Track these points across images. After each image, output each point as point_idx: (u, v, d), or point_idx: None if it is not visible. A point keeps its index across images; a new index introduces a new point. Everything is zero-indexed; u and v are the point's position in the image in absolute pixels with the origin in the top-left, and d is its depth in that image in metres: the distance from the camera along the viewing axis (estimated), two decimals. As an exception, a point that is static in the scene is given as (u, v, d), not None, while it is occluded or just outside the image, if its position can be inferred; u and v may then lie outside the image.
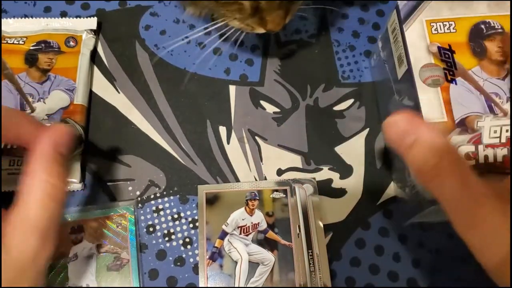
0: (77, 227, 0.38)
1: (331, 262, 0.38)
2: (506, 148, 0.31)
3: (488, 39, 0.34)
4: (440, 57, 0.33)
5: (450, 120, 0.32)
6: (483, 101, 0.32)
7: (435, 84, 0.33)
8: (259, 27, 0.36)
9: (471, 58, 0.33)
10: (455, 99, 0.32)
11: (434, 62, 0.33)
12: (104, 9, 0.46)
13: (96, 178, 0.40)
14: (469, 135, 0.31)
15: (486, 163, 0.31)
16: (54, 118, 0.40)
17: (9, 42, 0.43)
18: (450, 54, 0.33)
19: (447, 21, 0.34)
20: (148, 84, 0.43)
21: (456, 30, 0.34)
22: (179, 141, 0.42)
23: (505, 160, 0.31)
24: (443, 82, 0.33)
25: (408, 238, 0.39)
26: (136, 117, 0.42)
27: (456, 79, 0.33)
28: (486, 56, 0.33)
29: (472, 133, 0.31)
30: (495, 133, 0.31)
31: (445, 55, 0.33)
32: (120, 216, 0.38)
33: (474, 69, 0.33)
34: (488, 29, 0.34)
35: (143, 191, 0.40)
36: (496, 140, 0.31)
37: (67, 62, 0.42)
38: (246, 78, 0.44)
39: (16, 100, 0.41)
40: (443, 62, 0.33)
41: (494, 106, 0.32)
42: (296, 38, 0.46)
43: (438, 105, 0.32)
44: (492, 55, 0.33)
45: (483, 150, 0.31)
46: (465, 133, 0.31)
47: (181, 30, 0.45)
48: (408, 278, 0.38)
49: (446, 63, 0.33)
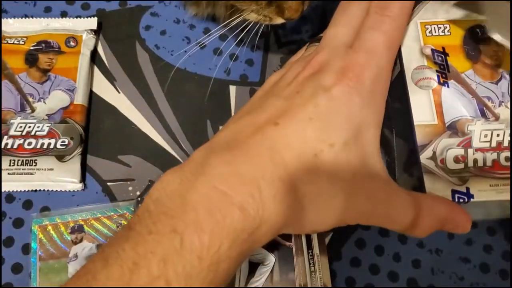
0: (77, 227, 0.38)
1: (331, 262, 0.38)
2: (496, 153, 0.31)
3: (482, 43, 0.34)
4: (434, 59, 0.33)
5: (441, 123, 0.32)
6: (475, 104, 0.32)
7: (427, 86, 0.33)
8: (277, 16, 0.36)
9: (464, 62, 0.33)
10: (446, 102, 0.32)
11: (427, 65, 0.33)
12: (104, 9, 0.46)
13: (96, 178, 0.40)
14: (459, 138, 0.31)
15: (475, 167, 0.31)
16: (54, 118, 0.40)
17: (9, 42, 0.43)
18: (443, 57, 0.33)
19: (442, 24, 0.34)
20: (148, 84, 0.43)
21: (450, 33, 0.34)
22: (179, 141, 0.42)
23: (495, 164, 0.31)
24: (435, 85, 0.33)
25: (408, 238, 0.39)
26: (136, 117, 0.42)
27: (449, 82, 0.33)
28: (480, 59, 0.33)
29: (462, 136, 0.31)
30: (485, 137, 0.31)
31: (438, 57, 0.33)
32: (120, 216, 0.38)
33: (467, 72, 0.33)
34: (483, 33, 0.34)
35: (143, 191, 0.40)
36: (486, 144, 0.31)
37: (67, 62, 0.42)
38: (247, 78, 0.44)
39: (16, 100, 0.41)
40: (436, 64, 0.33)
41: (486, 110, 0.32)
42: (296, 38, 0.46)
43: (429, 107, 0.32)
44: (486, 59, 0.33)
45: (473, 154, 0.31)
46: (455, 136, 0.31)
47: (181, 31, 0.45)
48: (408, 278, 0.38)
49: (439, 66, 0.33)
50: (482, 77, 0.33)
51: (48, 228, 0.38)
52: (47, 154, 0.39)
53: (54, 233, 0.38)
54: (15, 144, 0.39)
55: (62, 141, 0.39)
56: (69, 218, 0.38)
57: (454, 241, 0.38)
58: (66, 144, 0.39)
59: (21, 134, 0.39)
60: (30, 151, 0.39)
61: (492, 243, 0.38)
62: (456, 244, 0.38)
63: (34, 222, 0.38)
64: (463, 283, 0.37)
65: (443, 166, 0.30)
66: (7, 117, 0.40)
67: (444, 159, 0.30)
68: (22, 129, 0.40)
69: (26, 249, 0.38)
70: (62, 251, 0.37)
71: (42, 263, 0.37)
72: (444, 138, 0.31)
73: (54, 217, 0.38)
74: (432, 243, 0.39)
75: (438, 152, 0.31)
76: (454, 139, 0.31)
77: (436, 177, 0.30)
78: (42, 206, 0.39)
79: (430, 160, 0.30)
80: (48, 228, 0.38)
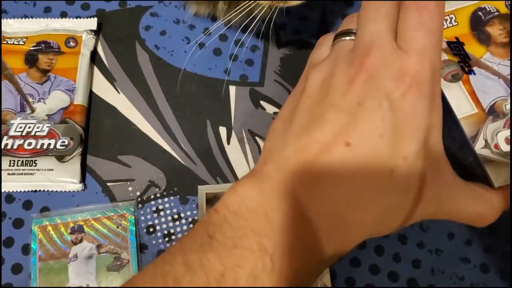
0: (77, 227, 0.38)
1: (331, 262, 0.38)
2: None
3: (488, 24, 0.34)
4: (452, 51, 0.34)
5: (481, 110, 0.32)
6: (503, 84, 0.33)
7: (455, 79, 0.33)
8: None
9: (478, 47, 0.34)
10: (478, 89, 0.33)
11: (448, 58, 0.34)
12: (104, 10, 0.46)
13: (96, 178, 0.40)
14: (502, 119, 0.31)
15: None
16: (54, 118, 0.40)
17: (9, 43, 0.43)
18: (460, 47, 0.34)
19: (447, 15, 0.35)
20: (148, 85, 0.43)
21: (457, 22, 0.35)
22: (179, 141, 0.42)
23: None
24: (462, 75, 0.33)
25: (408, 238, 0.39)
26: (136, 117, 0.42)
27: (473, 69, 0.33)
28: (491, 41, 0.34)
29: (504, 117, 0.31)
30: None
31: (456, 48, 0.34)
32: (120, 217, 0.38)
33: (485, 56, 0.33)
34: (485, 14, 0.35)
35: (143, 192, 0.40)
36: None
37: (67, 63, 0.42)
38: (246, 78, 0.44)
39: (16, 100, 0.41)
40: (456, 55, 0.34)
41: None
42: (296, 38, 0.46)
43: (465, 98, 0.32)
44: (497, 39, 0.34)
45: None
46: (498, 118, 0.31)
47: (181, 31, 0.45)
48: (408, 278, 0.38)
49: (460, 56, 0.34)
50: (499, 57, 0.33)
51: (48, 229, 0.38)
52: (47, 154, 0.39)
53: (54, 234, 0.38)
54: (15, 145, 0.39)
55: (62, 141, 0.39)
56: (69, 218, 0.38)
57: (454, 241, 0.38)
58: (66, 144, 0.39)
59: (21, 135, 0.39)
60: (30, 151, 0.39)
61: (492, 243, 0.38)
62: (456, 244, 0.38)
63: (34, 222, 0.38)
64: (463, 283, 0.37)
65: (498, 151, 0.30)
66: (7, 118, 0.40)
67: (497, 144, 0.31)
68: (22, 130, 0.40)
69: (26, 250, 0.38)
70: (62, 252, 0.37)
71: (42, 263, 0.37)
72: (489, 124, 0.31)
73: (54, 218, 0.38)
74: (432, 243, 0.39)
75: (489, 139, 0.31)
76: (498, 122, 0.31)
77: (496, 164, 0.30)
78: (42, 206, 0.39)
79: (485, 149, 0.31)
80: (48, 228, 0.38)
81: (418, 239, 0.39)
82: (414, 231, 0.39)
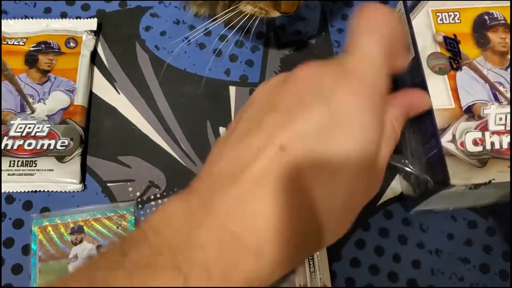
0: (77, 228, 0.38)
1: (331, 263, 0.38)
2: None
3: (491, 30, 0.35)
4: (446, 46, 0.34)
5: (458, 107, 0.33)
6: (488, 89, 0.33)
7: (442, 72, 0.33)
8: (273, 9, 0.35)
9: (475, 49, 0.35)
10: (461, 87, 0.33)
11: (440, 51, 0.34)
12: (104, 10, 0.46)
13: (96, 179, 0.40)
14: (476, 121, 0.32)
15: (492, 149, 0.32)
16: (54, 119, 0.40)
17: (9, 43, 0.43)
18: (455, 44, 0.34)
19: (452, 12, 0.35)
20: (148, 85, 0.43)
21: (460, 20, 0.35)
22: (179, 141, 0.42)
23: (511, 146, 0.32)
24: (449, 70, 0.33)
25: (408, 238, 0.39)
26: (136, 118, 0.42)
27: (462, 68, 0.34)
28: (489, 46, 0.34)
29: (478, 120, 0.32)
30: (500, 120, 0.32)
31: (450, 44, 0.34)
32: (120, 217, 0.38)
33: (478, 59, 0.34)
34: (491, 20, 0.35)
35: (143, 192, 0.40)
36: (501, 127, 0.32)
37: (67, 63, 0.42)
38: (246, 79, 0.44)
39: (16, 100, 0.41)
40: (449, 51, 0.34)
41: (498, 94, 0.33)
42: (296, 38, 0.46)
43: (445, 92, 0.33)
44: (495, 46, 0.34)
45: (489, 136, 0.32)
46: (472, 119, 0.32)
47: (181, 31, 0.45)
48: (408, 279, 0.38)
49: (452, 52, 0.34)
50: (492, 64, 0.34)
51: (48, 229, 0.38)
52: (47, 155, 0.39)
53: (54, 234, 0.38)
54: (15, 145, 0.39)
55: (62, 142, 0.39)
56: (69, 219, 0.38)
57: (454, 241, 0.39)
58: (66, 145, 0.39)
59: (21, 135, 0.39)
60: (30, 152, 0.39)
61: (492, 244, 0.38)
62: (456, 244, 0.38)
63: (34, 223, 0.38)
64: (463, 283, 0.37)
65: (463, 149, 0.31)
66: (7, 118, 0.40)
67: (463, 142, 0.31)
68: (22, 130, 0.40)
69: (26, 250, 0.38)
70: (62, 252, 0.37)
71: (42, 264, 0.37)
72: (462, 121, 0.32)
73: (54, 218, 0.38)
74: (432, 244, 0.39)
75: (458, 135, 0.32)
76: (471, 123, 0.32)
77: (457, 160, 0.31)
78: (42, 207, 0.39)
79: (450, 143, 0.32)
80: (48, 229, 0.38)
81: (418, 240, 0.39)
82: (414, 231, 0.39)
